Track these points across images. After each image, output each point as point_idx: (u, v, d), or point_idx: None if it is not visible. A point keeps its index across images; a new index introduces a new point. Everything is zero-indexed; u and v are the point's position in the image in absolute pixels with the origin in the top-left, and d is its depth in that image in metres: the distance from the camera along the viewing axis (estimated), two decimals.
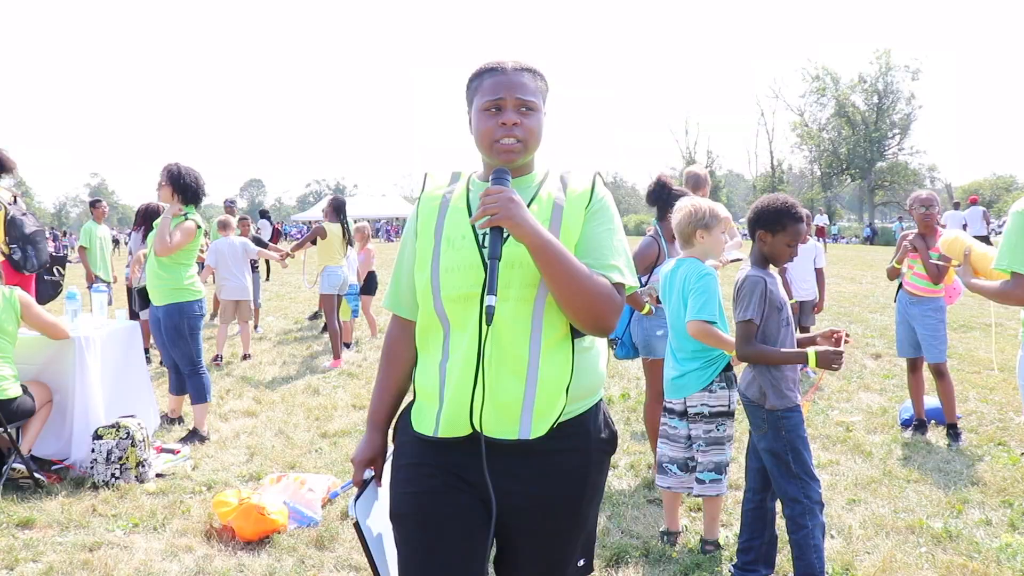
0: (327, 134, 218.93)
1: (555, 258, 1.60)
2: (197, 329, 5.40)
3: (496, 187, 1.61)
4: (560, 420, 1.70)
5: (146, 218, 8.04)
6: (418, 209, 1.84)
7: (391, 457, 1.86)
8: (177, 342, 5.35)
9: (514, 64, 1.76)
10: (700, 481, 3.52)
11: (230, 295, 8.63)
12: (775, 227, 3.12)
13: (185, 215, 5.29)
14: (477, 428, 1.67)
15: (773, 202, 3.15)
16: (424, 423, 1.75)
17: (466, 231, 1.73)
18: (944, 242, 3.85)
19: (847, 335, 3.17)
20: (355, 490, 1.86)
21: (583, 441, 1.76)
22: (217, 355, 8.35)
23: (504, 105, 1.71)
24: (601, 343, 1.85)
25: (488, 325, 1.56)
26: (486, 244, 1.69)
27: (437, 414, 1.72)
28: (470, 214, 1.75)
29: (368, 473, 1.88)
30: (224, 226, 8.92)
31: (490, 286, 1.57)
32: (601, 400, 1.84)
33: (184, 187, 5.28)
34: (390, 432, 1.92)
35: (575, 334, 1.74)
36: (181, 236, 5.20)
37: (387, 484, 1.90)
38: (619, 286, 1.70)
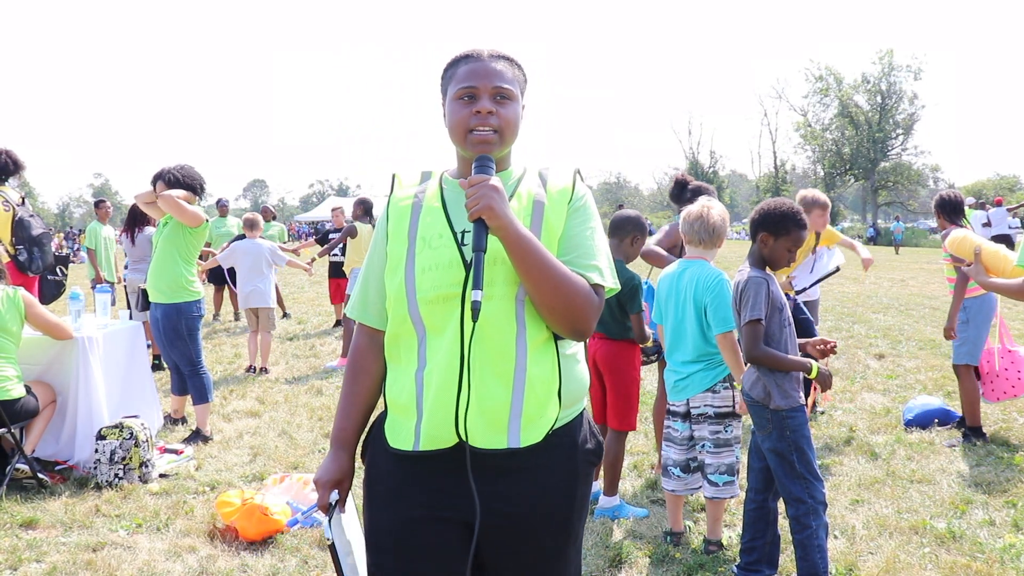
0: (330, 134, 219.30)
1: (530, 253, 1.52)
2: (196, 329, 5.40)
3: (479, 176, 1.54)
4: (554, 428, 1.62)
5: (136, 218, 8.01)
6: (388, 211, 1.74)
7: (365, 477, 1.75)
8: (175, 343, 5.36)
9: (491, 51, 1.68)
10: (713, 484, 3.51)
11: (246, 303, 7.85)
12: (779, 231, 3.13)
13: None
14: (463, 438, 1.57)
15: (779, 206, 3.16)
16: (401, 438, 1.64)
17: (443, 230, 1.64)
18: (953, 241, 3.76)
19: (834, 347, 3.24)
20: (319, 514, 1.77)
21: (570, 452, 1.66)
22: (250, 365, 7.87)
23: (478, 93, 1.63)
24: (581, 350, 1.77)
25: (474, 321, 1.47)
26: (466, 242, 1.62)
27: (416, 427, 1.61)
28: (445, 213, 1.67)
29: (334, 496, 1.75)
30: (251, 225, 8.14)
31: (476, 280, 1.48)
32: (585, 409, 1.75)
33: (191, 187, 5.31)
34: (358, 450, 1.80)
35: (557, 338, 1.66)
36: (192, 212, 5.21)
37: (351, 506, 1.80)
38: (598, 288, 1.63)
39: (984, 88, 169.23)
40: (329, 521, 1.72)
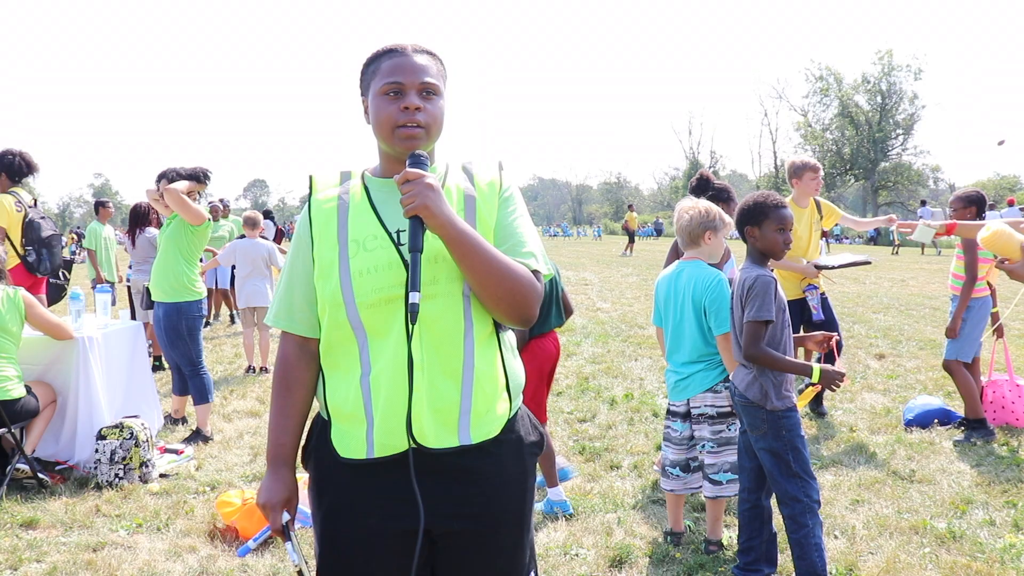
0: (330, 135, 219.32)
1: (472, 248, 1.50)
2: (197, 330, 5.42)
3: (414, 171, 1.51)
4: (506, 423, 1.64)
5: (137, 219, 8.02)
6: (309, 215, 1.68)
7: (311, 487, 1.71)
8: (176, 343, 5.36)
9: (414, 46, 1.66)
10: (716, 483, 3.50)
11: (246, 301, 7.78)
12: (758, 218, 3.14)
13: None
14: (417, 440, 1.55)
15: (749, 198, 3.20)
16: (352, 447, 1.60)
17: (377, 231, 1.61)
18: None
19: (836, 341, 3.20)
20: (275, 537, 1.74)
21: (517, 446, 1.68)
22: (250, 365, 7.84)
23: (405, 88, 1.61)
24: (515, 343, 1.78)
25: (413, 324, 1.46)
26: (403, 241, 1.59)
27: (368, 434, 1.57)
28: (376, 213, 1.63)
29: (286, 517, 1.71)
30: (252, 224, 8.08)
31: (413, 282, 1.47)
32: (523, 403, 1.76)
33: (193, 176, 5.34)
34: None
35: (499, 332, 1.67)
36: (196, 209, 5.22)
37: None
38: (537, 274, 1.62)
39: (983, 88, 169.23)
40: (292, 544, 1.70)
